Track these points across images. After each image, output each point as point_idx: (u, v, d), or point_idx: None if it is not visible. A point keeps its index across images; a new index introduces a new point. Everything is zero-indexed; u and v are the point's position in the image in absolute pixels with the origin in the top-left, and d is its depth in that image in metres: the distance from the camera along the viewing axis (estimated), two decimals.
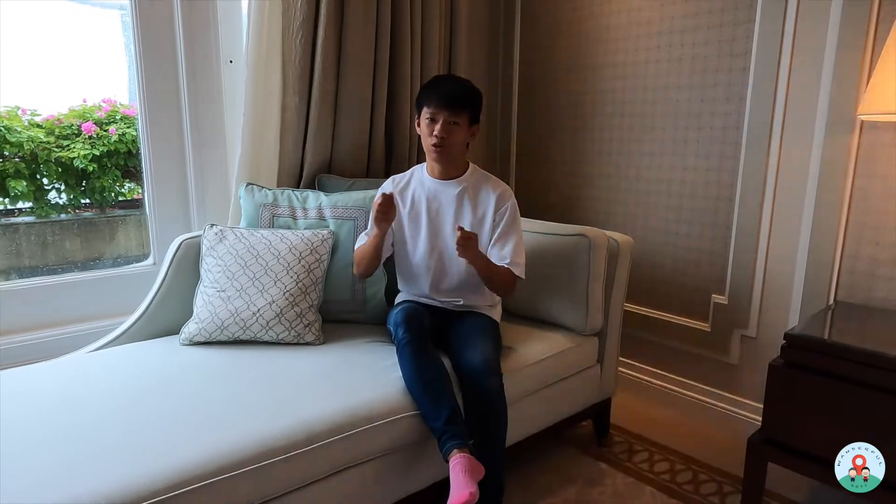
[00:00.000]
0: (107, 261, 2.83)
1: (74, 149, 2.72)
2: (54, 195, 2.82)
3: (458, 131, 1.74)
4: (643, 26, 2.36)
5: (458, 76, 1.92)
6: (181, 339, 1.78)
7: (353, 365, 1.66)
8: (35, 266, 2.84)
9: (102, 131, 2.81)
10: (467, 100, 1.74)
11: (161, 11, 2.05)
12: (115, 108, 2.86)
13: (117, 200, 3.00)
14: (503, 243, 1.78)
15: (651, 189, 2.42)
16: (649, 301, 2.49)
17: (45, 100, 2.79)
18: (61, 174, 2.74)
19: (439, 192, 1.83)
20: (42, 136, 2.67)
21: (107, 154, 2.79)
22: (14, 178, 2.63)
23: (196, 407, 1.38)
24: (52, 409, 1.36)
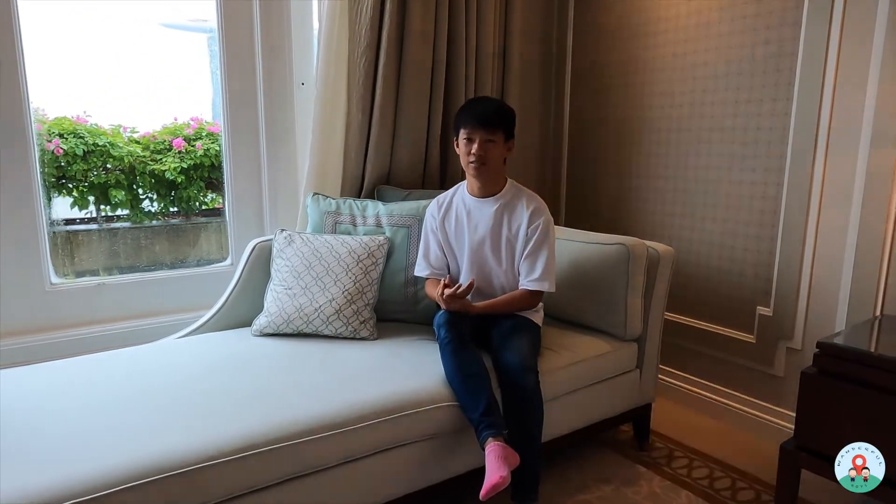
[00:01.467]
0: (190, 261, 3.14)
1: (166, 162, 3.06)
2: (147, 203, 3.17)
3: (494, 148, 1.87)
4: (690, 43, 2.43)
5: (491, 97, 2.03)
6: (252, 331, 2.00)
7: (401, 358, 1.83)
8: (130, 265, 3.19)
9: (190, 146, 3.14)
10: (501, 118, 1.87)
11: (244, 39, 2.31)
12: (202, 125, 3.19)
13: (200, 209, 3.33)
14: (533, 260, 1.88)
15: (697, 201, 2.47)
16: (694, 312, 2.52)
17: (143, 118, 3.15)
18: (154, 185, 3.08)
19: (478, 209, 1.96)
20: (139, 151, 3.02)
21: (193, 167, 3.12)
22: (115, 188, 2.98)
23: (264, 386, 1.59)
24: (149, 383, 1.60)
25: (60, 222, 2.54)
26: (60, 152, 2.55)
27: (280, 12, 2.33)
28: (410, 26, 2.32)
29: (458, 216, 1.99)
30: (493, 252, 1.94)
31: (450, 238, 2.01)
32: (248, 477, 1.33)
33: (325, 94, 2.28)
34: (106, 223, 3.11)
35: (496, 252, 1.94)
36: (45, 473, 1.18)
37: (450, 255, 2.03)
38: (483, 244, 1.95)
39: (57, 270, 2.16)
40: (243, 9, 2.29)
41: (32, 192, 2.01)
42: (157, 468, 1.23)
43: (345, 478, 1.48)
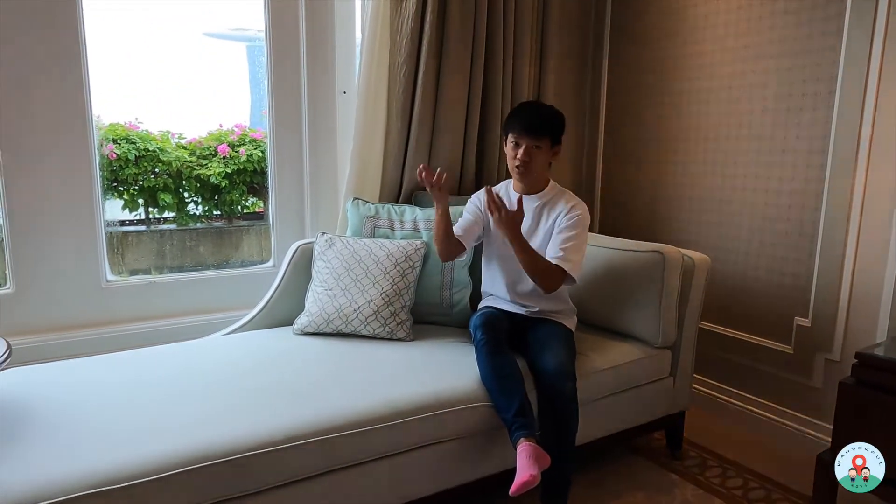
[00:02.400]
0: (234, 263, 3.26)
1: (211, 167, 3.18)
2: (192, 207, 3.31)
3: (539, 154, 1.93)
4: (728, 53, 2.43)
5: (542, 103, 2.08)
6: (294, 329, 2.08)
7: (437, 359, 1.88)
8: (177, 266, 3.33)
9: (234, 152, 3.27)
10: (547, 125, 1.92)
11: (290, 48, 2.41)
12: (245, 132, 3.32)
13: (242, 213, 3.45)
14: (563, 240, 1.89)
15: (734, 210, 2.46)
16: (730, 321, 2.51)
17: (190, 124, 3.30)
18: (199, 189, 3.21)
19: (525, 201, 1.98)
20: (186, 156, 3.15)
21: (236, 172, 3.24)
22: (163, 192, 3.13)
23: (306, 382, 1.66)
24: (199, 376, 1.69)
25: (115, 223, 2.68)
26: (114, 157, 2.69)
27: (324, 23, 2.42)
28: (450, 37, 2.38)
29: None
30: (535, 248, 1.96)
31: (491, 225, 2.03)
32: (291, 467, 1.39)
33: (366, 103, 2.35)
34: (154, 225, 3.26)
35: (537, 248, 1.95)
36: (109, 455, 1.26)
37: (486, 238, 2.07)
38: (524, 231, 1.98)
39: (111, 269, 2.28)
40: (290, 19, 2.39)
41: (92, 194, 2.13)
42: (207, 455, 1.31)
43: (381, 473, 1.54)
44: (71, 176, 2.08)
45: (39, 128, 2.01)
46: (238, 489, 1.34)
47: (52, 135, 2.03)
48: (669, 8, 2.66)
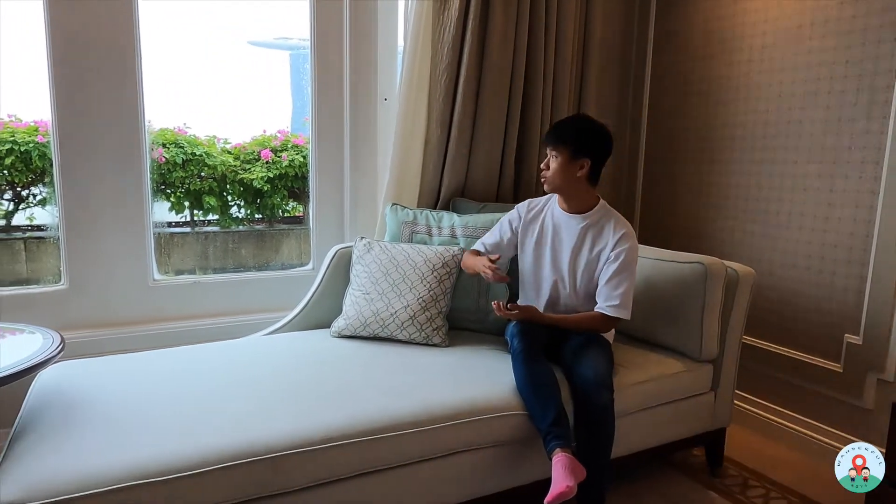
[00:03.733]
0: (275, 265, 3.32)
1: (254, 171, 3.27)
2: (235, 210, 3.40)
3: (555, 164, 1.88)
4: (777, 61, 2.37)
5: (581, 116, 1.98)
6: (331, 332, 2.11)
7: (472, 366, 1.87)
8: (218, 267, 3.42)
9: (276, 157, 3.35)
10: (565, 135, 1.86)
11: (334, 56, 2.45)
12: (287, 137, 3.40)
13: (282, 216, 3.53)
14: (615, 285, 1.85)
15: (781, 223, 2.38)
16: (775, 336, 2.43)
17: (234, 129, 3.39)
18: (242, 193, 3.30)
19: (564, 223, 1.97)
20: (231, 161, 3.24)
21: (278, 177, 3.32)
22: (208, 195, 3.22)
23: (343, 384, 1.68)
24: (240, 375, 1.73)
25: (162, 224, 2.77)
26: (163, 160, 2.79)
27: (367, 31, 2.46)
28: (490, 46, 2.39)
29: (543, 224, 2.01)
30: (570, 269, 1.95)
31: (529, 243, 2.03)
32: (326, 468, 1.41)
33: (406, 110, 2.38)
34: (198, 227, 3.36)
35: (572, 270, 1.95)
36: (153, 448, 1.30)
37: (523, 254, 2.04)
38: (562, 258, 1.96)
39: (158, 268, 2.36)
40: (334, 28, 2.44)
41: (143, 196, 2.21)
42: (246, 452, 1.33)
43: (415, 477, 1.54)
44: (123, 178, 2.16)
45: (96, 131, 2.10)
46: (273, 487, 1.36)
47: (108, 139, 2.12)
48: (715, 17, 2.61)
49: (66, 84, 2.04)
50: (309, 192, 3.20)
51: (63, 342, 1.50)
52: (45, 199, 2.89)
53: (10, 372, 1.28)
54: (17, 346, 1.50)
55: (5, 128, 2.78)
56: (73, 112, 2.06)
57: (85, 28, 2.04)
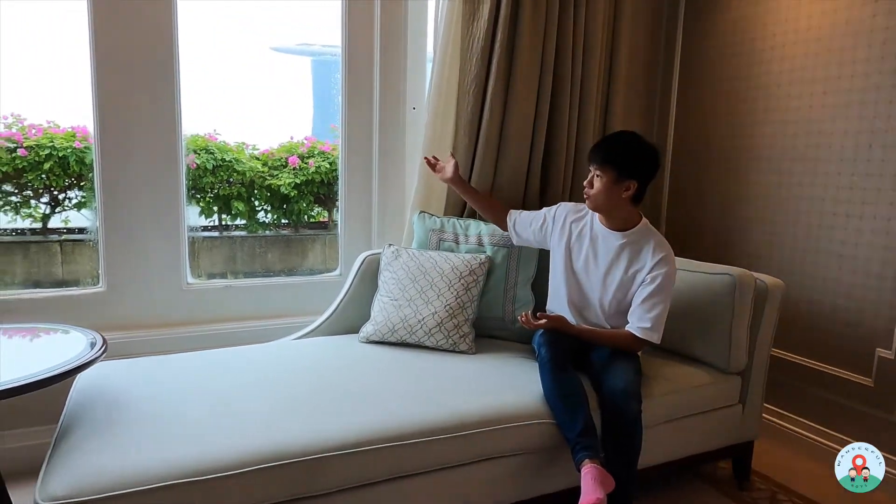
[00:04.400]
0: (303, 270, 3.37)
1: (281, 177, 3.32)
2: (262, 215, 3.46)
3: (598, 184, 1.86)
4: (808, 71, 2.35)
5: (627, 134, 1.92)
6: (360, 337, 2.14)
7: (499, 373, 1.89)
8: (247, 271, 3.48)
9: (304, 164, 3.40)
10: (610, 155, 1.84)
11: (364, 64, 2.49)
12: (314, 144, 3.45)
13: (308, 222, 3.58)
14: (650, 307, 1.84)
15: (811, 235, 2.36)
16: (805, 349, 2.40)
17: (263, 136, 3.46)
18: (269, 198, 3.36)
19: (603, 238, 1.96)
20: (259, 167, 3.31)
21: (305, 183, 3.38)
22: (237, 200, 3.29)
23: (373, 389, 1.70)
24: (273, 378, 1.77)
25: (195, 228, 2.84)
26: (194, 166, 2.85)
27: (398, 39, 2.50)
28: (519, 56, 2.41)
29: (582, 233, 2.01)
30: (603, 284, 1.94)
31: (562, 248, 2.03)
32: (360, 471, 1.43)
33: (434, 118, 2.41)
34: (226, 231, 3.43)
35: (605, 286, 1.94)
36: (191, 448, 1.34)
37: (557, 258, 2.05)
38: (594, 272, 1.96)
39: (190, 272, 2.41)
40: (365, 35, 2.47)
41: (179, 201, 2.26)
42: (281, 454, 1.37)
43: (444, 483, 1.56)
44: (160, 184, 2.22)
45: (136, 139, 2.16)
46: (308, 489, 1.39)
47: (147, 146, 2.18)
48: (744, 27, 2.61)
49: (109, 92, 2.11)
50: (338, 199, 3.25)
51: (105, 343, 1.54)
52: (81, 203, 2.98)
53: (61, 371, 1.33)
54: (63, 345, 1.55)
55: (45, 134, 2.87)
56: (115, 120, 2.13)
57: (127, 37, 2.10)
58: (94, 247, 2.26)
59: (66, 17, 2.43)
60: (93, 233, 2.41)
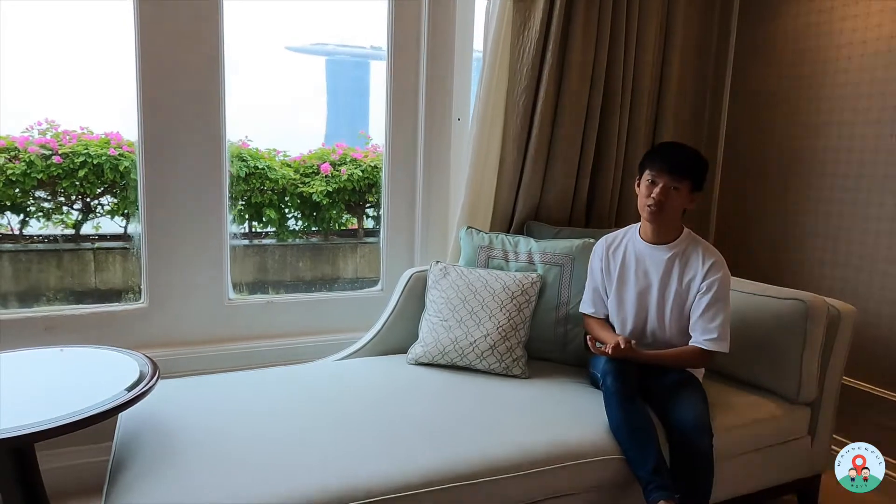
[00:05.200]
0: (335, 283, 3.31)
1: (313, 185, 3.27)
2: (292, 222, 3.40)
3: (676, 196, 1.80)
4: (877, 85, 2.24)
5: (686, 145, 1.92)
6: (408, 359, 2.06)
7: (558, 401, 1.80)
8: (276, 281, 3.43)
9: (336, 171, 3.34)
10: (690, 167, 1.80)
11: (410, 71, 2.41)
12: (346, 151, 3.39)
13: (338, 229, 3.52)
14: (711, 317, 1.78)
15: (879, 255, 2.25)
16: (877, 378, 2.27)
17: (294, 142, 3.40)
18: (300, 205, 3.30)
19: (649, 255, 1.90)
20: (291, 174, 3.25)
21: (337, 191, 3.32)
22: (269, 208, 3.23)
23: (433, 419, 1.63)
24: (327, 405, 1.70)
25: (238, 236, 2.78)
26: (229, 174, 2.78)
27: (444, 46, 2.42)
28: (570, 69, 2.33)
29: (625, 258, 1.94)
30: (658, 302, 1.87)
31: (612, 280, 1.96)
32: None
33: (482, 129, 2.33)
34: (256, 239, 3.38)
35: (661, 303, 1.87)
36: (254, 489, 1.27)
37: (609, 297, 1.98)
38: (648, 292, 1.89)
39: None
40: (411, 40, 2.39)
41: (222, 214, 2.20)
42: (348, 496, 1.29)
43: None
44: (203, 196, 2.16)
45: (179, 146, 2.10)
46: None
47: (190, 153, 2.12)
48: (803, 35, 2.49)
49: (154, 103, 2.05)
50: (367, 207, 3.18)
51: (157, 372, 1.48)
52: (113, 210, 2.94)
53: (113, 406, 1.26)
54: (115, 372, 1.48)
55: (79, 141, 2.82)
56: (160, 131, 2.07)
57: (173, 46, 2.04)
58: (128, 255, 2.20)
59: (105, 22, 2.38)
60: (132, 241, 2.36)
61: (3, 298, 2.67)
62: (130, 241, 2.91)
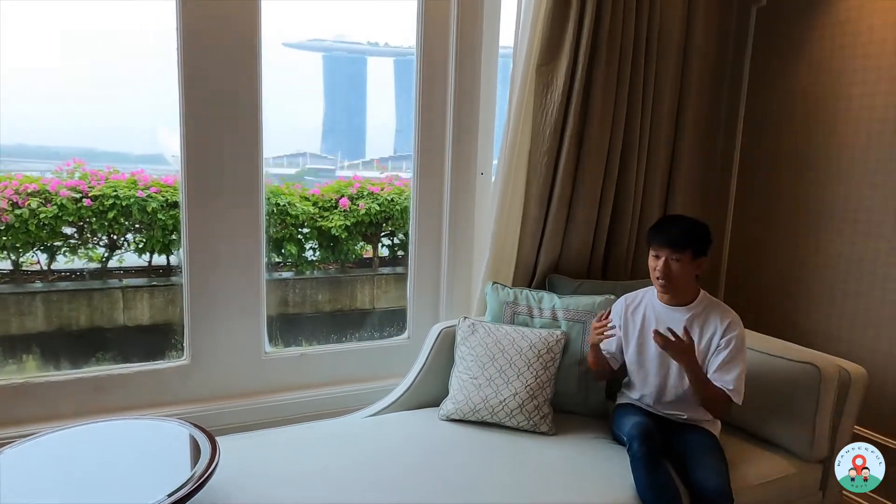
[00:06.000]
0: (371, 335, 3.39)
1: (332, 219, 3.36)
2: (309, 254, 3.49)
3: (680, 267, 1.93)
4: (886, 136, 2.34)
5: (684, 216, 2.07)
6: (440, 415, 2.16)
7: (586, 459, 1.93)
8: (296, 314, 3.51)
9: (354, 205, 3.43)
10: (688, 239, 1.92)
11: (437, 130, 2.52)
12: (363, 185, 3.48)
13: (354, 260, 3.61)
14: (727, 370, 1.89)
15: (886, 314, 2.36)
16: (890, 429, 2.38)
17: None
18: (318, 237, 3.39)
19: (668, 317, 2.01)
20: (310, 209, 3.34)
21: (355, 224, 3.41)
22: (289, 242, 3.32)
23: (464, 483, 1.75)
24: (356, 463, 1.82)
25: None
26: None
27: (472, 103, 2.52)
28: (590, 129, 2.43)
29: (645, 319, 2.06)
30: (678, 372, 1.97)
31: (630, 341, 2.07)
32: None
33: (505, 187, 2.43)
34: (275, 272, 3.46)
35: (681, 374, 1.96)
36: None
37: (627, 349, 2.08)
38: None
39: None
40: (438, 103, 2.50)
41: (259, 268, 2.29)
42: None
43: None
44: (241, 244, 2.25)
45: (221, 199, 2.20)
46: None
47: (232, 213, 2.21)
48: (813, 96, 2.60)
49: (197, 140, 2.13)
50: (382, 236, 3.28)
51: (216, 453, 1.56)
52: (140, 248, 3.02)
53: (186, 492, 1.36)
54: (175, 450, 1.58)
55: (107, 182, 2.90)
56: (201, 189, 2.15)
57: (216, 81, 2.12)
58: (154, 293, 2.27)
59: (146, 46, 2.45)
60: (175, 274, 2.43)
61: (49, 351, 2.76)
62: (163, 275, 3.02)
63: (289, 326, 3.27)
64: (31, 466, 1.52)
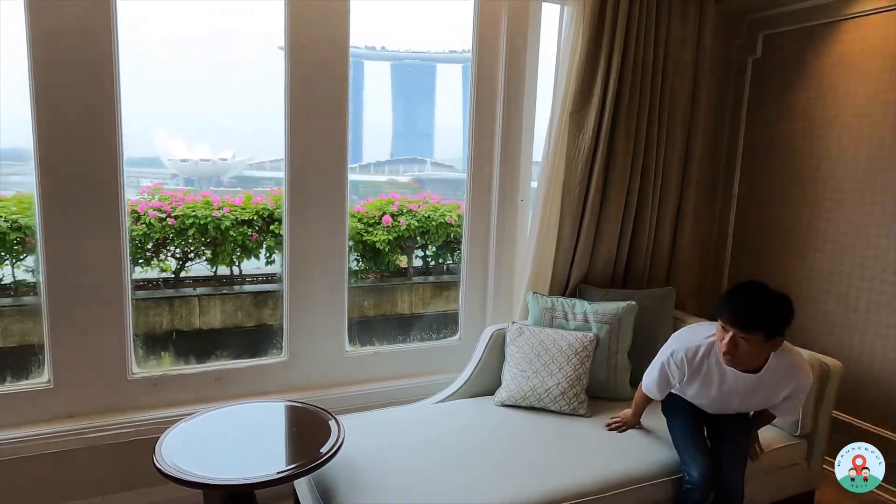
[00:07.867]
0: (389, 316, 3.84)
1: (376, 234, 3.81)
2: (353, 264, 3.94)
3: (748, 345, 1.84)
4: (885, 149, 2.83)
5: (761, 289, 1.85)
6: (495, 401, 2.64)
7: (617, 437, 2.40)
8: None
9: (395, 222, 3.89)
10: (758, 321, 1.80)
11: (485, 166, 3.00)
12: (403, 203, 3.95)
13: (391, 269, 4.07)
14: (793, 413, 2.20)
15: (870, 316, 2.84)
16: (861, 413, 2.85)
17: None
18: (363, 250, 3.85)
19: (734, 384, 2.00)
20: (358, 225, 3.80)
21: (396, 238, 3.87)
22: None
23: (534, 456, 2.21)
24: (435, 440, 2.27)
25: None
26: None
27: (515, 143, 3.01)
28: (614, 162, 2.92)
29: (709, 366, 2.02)
30: (741, 405, 2.14)
31: (693, 382, 2.11)
32: None
33: (543, 211, 2.91)
34: None
35: (744, 405, 2.15)
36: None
37: (689, 393, 2.19)
38: (730, 400, 2.09)
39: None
40: (485, 151, 2.99)
41: (342, 275, 2.74)
42: None
43: None
44: (328, 252, 2.69)
45: (312, 210, 2.63)
46: None
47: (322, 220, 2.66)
48: (809, 134, 3.09)
49: (300, 151, 2.55)
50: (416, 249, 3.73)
51: (341, 425, 2.02)
52: (212, 259, 3.46)
53: (321, 461, 1.82)
54: (312, 421, 2.04)
55: (185, 203, 3.36)
56: (300, 203, 2.59)
57: (314, 95, 2.54)
58: (223, 298, 2.70)
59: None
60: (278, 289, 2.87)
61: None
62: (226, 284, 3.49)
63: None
64: (219, 432, 2.00)
